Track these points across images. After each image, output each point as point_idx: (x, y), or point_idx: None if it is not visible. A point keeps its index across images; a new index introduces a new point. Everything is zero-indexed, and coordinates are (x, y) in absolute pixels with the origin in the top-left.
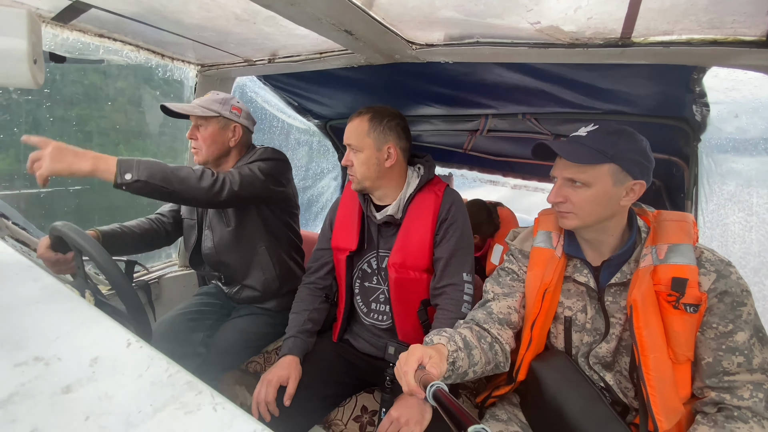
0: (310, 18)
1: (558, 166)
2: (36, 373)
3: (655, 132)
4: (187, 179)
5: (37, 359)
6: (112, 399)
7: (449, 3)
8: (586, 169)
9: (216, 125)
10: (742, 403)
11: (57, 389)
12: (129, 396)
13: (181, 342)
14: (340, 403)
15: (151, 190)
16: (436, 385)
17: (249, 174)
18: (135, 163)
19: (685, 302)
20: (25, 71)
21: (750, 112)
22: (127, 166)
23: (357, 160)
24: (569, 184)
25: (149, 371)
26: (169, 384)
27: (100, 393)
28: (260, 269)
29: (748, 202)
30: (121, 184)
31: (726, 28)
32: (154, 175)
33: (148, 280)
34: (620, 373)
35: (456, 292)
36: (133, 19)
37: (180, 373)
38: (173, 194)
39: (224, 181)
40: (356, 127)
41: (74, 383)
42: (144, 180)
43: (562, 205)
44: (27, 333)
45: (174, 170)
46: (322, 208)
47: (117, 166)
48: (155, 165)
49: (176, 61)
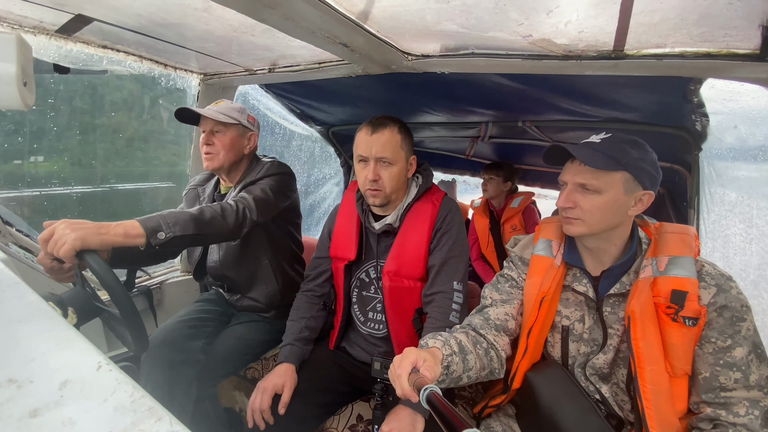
0: (305, 32)
1: (569, 171)
2: (7, 396)
3: (657, 140)
4: (214, 220)
5: (11, 381)
6: (75, 425)
7: (441, 16)
8: (599, 175)
9: (235, 132)
10: (738, 420)
11: (25, 413)
12: (91, 421)
13: (181, 349)
14: (336, 411)
15: (186, 241)
16: (429, 388)
17: (261, 197)
18: (159, 221)
19: (684, 315)
20: (15, 94)
21: (749, 122)
22: (155, 225)
23: (389, 173)
24: (580, 189)
25: (114, 396)
26: (131, 410)
27: (65, 418)
28: (263, 282)
29: (749, 214)
30: (156, 244)
31: (718, 41)
32: (186, 226)
33: (149, 285)
34: (617, 385)
35: (445, 300)
36: (135, 31)
37: (144, 399)
38: (206, 238)
39: (244, 212)
40: (389, 139)
41: (42, 407)
42: (180, 234)
43: (571, 211)
44: (5, 353)
45: (198, 215)
46: (324, 213)
47: (143, 228)
48: (179, 215)
49: (179, 70)
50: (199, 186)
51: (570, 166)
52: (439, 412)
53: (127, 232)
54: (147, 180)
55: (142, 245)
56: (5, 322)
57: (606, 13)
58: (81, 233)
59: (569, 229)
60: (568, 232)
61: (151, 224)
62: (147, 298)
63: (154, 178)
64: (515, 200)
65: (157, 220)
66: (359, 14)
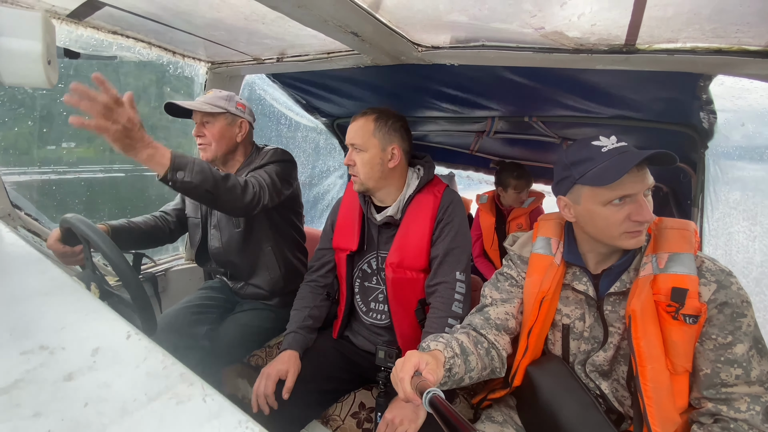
0: (317, 20)
1: (637, 179)
2: (41, 361)
3: (663, 137)
4: (234, 189)
5: (43, 348)
6: (110, 387)
7: (454, 7)
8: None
9: (223, 121)
10: (739, 416)
11: (59, 377)
12: (126, 385)
13: (185, 335)
14: (339, 398)
15: (198, 193)
16: (432, 392)
17: (270, 183)
18: (190, 163)
19: (684, 313)
20: (40, 72)
21: (756, 120)
22: (182, 164)
23: (360, 159)
24: (647, 195)
25: (146, 362)
26: (163, 375)
27: (100, 382)
28: (266, 269)
29: (753, 211)
30: (171, 180)
31: (730, 37)
32: (206, 180)
33: (155, 272)
34: (617, 382)
35: (447, 291)
36: (146, 17)
37: (175, 365)
38: (216, 201)
39: (260, 194)
40: (361, 126)
41: (76, 372)
42: (196, 183)
43: (647, 223)
44: (34, 323)
45: (223, 177)
46: (327, 205)
47: (171, 161)
48: (207, 169)
49: (187, 58)
50: None
51: (638, 172)
52: (442, 415)
53: (153, 156)
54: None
55: (160, 174)
56: (32, 294)
57: (620, 6)
58: (118, 127)
59: (640, 241)
60: (638, 245)
61: (180, 162)
62: (152, 285)
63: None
64: (526, 201)
65: (187, 161)
66: (372, 3)
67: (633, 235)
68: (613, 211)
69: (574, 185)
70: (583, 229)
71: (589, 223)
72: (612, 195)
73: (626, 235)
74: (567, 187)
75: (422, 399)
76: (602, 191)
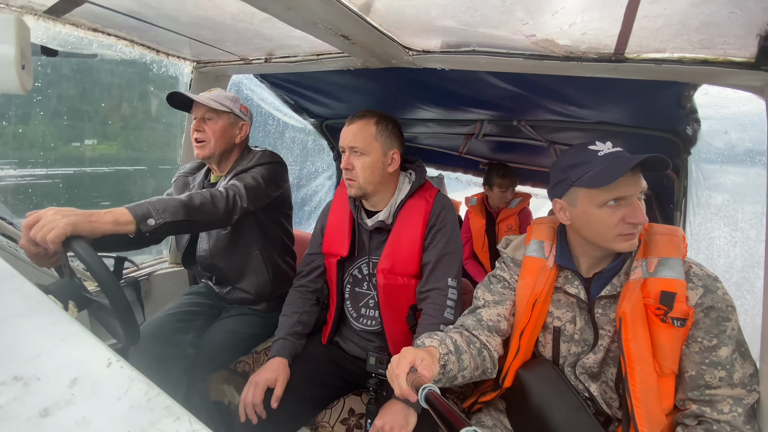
0: (307, 22)
1: (632, 182)
2: (14, 395)
3: (647, 142)
4: (203, 206)
5: (16, 379)
6: (90, 424)
7: (446, 12)
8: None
9: (226, 121)
10: (722, 417)
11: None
12: (107, 420)
13: (170, 343)
14: (328, 405)
15: (177, 227)
16: (428, 387)
17: (252, 185)
18: (149, 207)
19: (672, 316)
20: (13, 77)
21: (739, 128)
22: (144, 212)
23: (361, 164)
24: (641, 198)
25: (128, 394)
26: (147, 408)
27: (78, 417)
28: (253, 273)
29: (734, 217)
30: (146, 230)
31: (717, 48)
32: (176, 212)
33: (137, 276)
34: (606, 384)
35: (439, 297)
36: (128, 14)
37: (159, 397)
38: (197, 224)
39: (234, 198)
40: (362, 129)
41: (52, 406)
42: (170, 221)
43: (641, 225)
44: (7, 349)
45: (187, 201)
46: (315, 207)
47: (133, 215)
48: (169, 202)
49: (171, 57)
50: (189, 174)
51: (631, 176)
52: (437, 411)
53: (117, 220)
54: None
55: (132, 232)
56: (5, 316)
57: (610, 16)
58: (72, 219)
59: (633, 244)
60: (632, 248)
61: (141, 211)
62: (135, 290)
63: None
64: (513, 201)
65: (146, 206)
66: (362, 6)
67: (627, 237)
68: (608, 213)
69: (571, 187)
70: (578, 232)
71: (584, 226)
72: (608, 196)
73: (620, 238)
74: (563, 189)
75: (418, 395)
76: (598, 193)
